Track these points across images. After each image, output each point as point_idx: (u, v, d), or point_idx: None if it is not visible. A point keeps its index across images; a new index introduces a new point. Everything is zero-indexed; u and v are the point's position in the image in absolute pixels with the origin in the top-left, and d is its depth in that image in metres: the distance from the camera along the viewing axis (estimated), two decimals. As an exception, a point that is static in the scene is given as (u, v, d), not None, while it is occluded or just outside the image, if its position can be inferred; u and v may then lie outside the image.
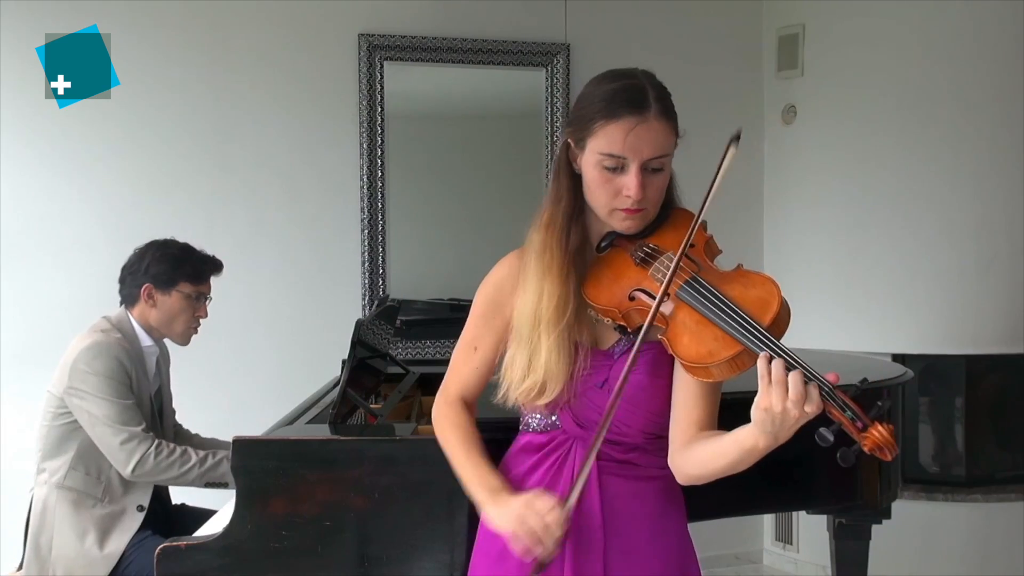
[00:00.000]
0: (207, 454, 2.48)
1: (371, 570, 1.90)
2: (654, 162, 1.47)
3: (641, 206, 1.48)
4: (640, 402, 1.52)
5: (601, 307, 1.51)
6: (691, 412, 1.49)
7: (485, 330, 1.63)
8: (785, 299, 1.38)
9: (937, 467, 3.92)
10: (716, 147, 1.46)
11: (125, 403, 2.44)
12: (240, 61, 3.68)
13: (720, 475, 1.46)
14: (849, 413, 1.28)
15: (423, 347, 3.85)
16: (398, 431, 2.06)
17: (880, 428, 1.26)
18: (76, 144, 3.53)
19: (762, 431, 1.33)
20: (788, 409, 1.28)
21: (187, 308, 2.62)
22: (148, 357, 2.60)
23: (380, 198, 3.79)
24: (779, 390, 1.29)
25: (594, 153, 1.48)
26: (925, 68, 3.74)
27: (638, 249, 1.52)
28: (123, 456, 2.41)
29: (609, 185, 1.48)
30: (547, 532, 1.41)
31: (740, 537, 4.21)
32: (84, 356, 2.45)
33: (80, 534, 2.44)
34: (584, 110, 1.50)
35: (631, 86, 1.47)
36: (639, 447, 1.55)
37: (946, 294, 3.74)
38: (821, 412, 1.30)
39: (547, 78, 3.95)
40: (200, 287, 2.64)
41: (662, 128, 1.46)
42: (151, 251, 2.60)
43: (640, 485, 1.56)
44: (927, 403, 3.93)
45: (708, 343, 1.37)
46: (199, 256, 2.66)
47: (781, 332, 1.36)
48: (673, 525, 1.59)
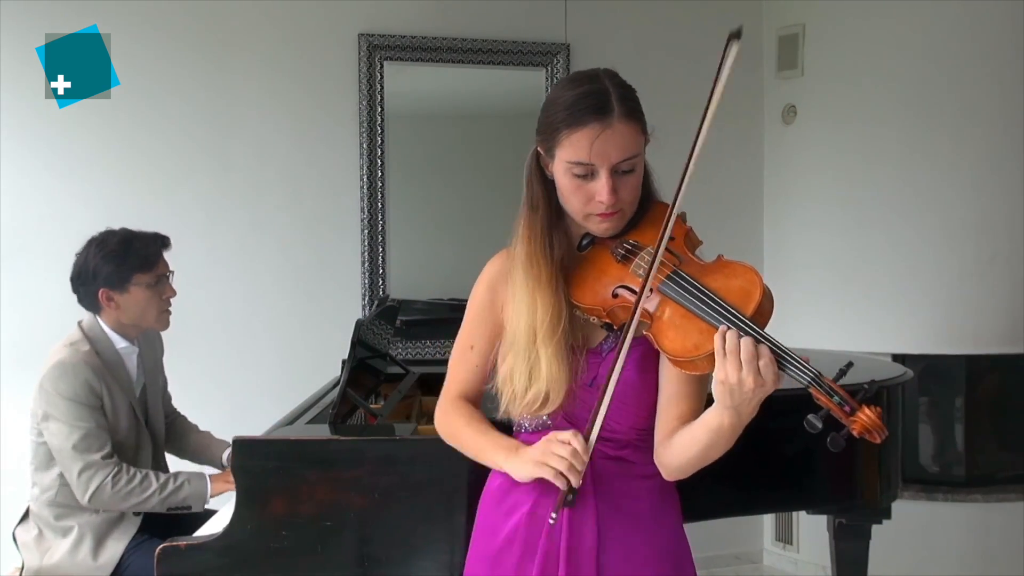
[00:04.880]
0: (168, 478, 2.42)
1: (371, 570, 1.90)
2: (623, 164, 1.47)
3: (615, 208, 1.48)
4: (629, 398, 1.53)
5: (586, 307, 1.52)
6: (676, 406, 1.50)
7: (480, 329, 1.64)
8: (767, 287, 1.39)
9: (937, 467, 3.92)
10: (716, 147, 1.46)
11: (87, 427, 2.35)
12: (240, 61, 3.68)
13: (698, 462, 1.47)
14: (837, 398, 1.29)
15: (423, 347, 3.85)
16: (398, 431, 2.06)
17: (867, 411, 1.28)
18: (76, 144, 3.53)
19: (724, 406, 1.36)
20: (743, 378, 1.30)
21: (152, 296, 2.48)
22: (126, 359, 2.52)
23: (380, 198, 3.79)
24: (733, 360, 1.30)
25: (562, 162, 1.48)
26: (925, 68, 3.74)
27: (618, 246, 1.52)
28: (80, 486, 2.34)
29: (581, 192, 1.48)
30: (575, 456, 1.43)
31: (740, 537, 4.21)
32: (50, 376, 2.38)
33: (76, 542, 2.42)
34: (549, 119, 1.50)
35: (593, 91, 1.46)
36: (631, 444, 1.56)
37: (946, 294, 3.73)
38: (780, 382, 1.31)
39: (547, 78, 3.95)
40: (156, 271, 2.50)
41: (628, 131, 1.46)
42: (91, 253, 2.46)
43: (634, 484, 1.56)
44: (927, 403, 3.93)
45: (693, 336, 1.38)
46: (141, 241, 2.50)
47: (765, 320, 1.37)
48: (668, 524, 1.60)
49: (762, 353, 1.30)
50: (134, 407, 2.53)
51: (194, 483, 2.43)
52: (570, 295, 1.53)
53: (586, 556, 1.52)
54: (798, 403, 1.39)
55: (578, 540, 1.52)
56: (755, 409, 1.36)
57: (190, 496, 2.42)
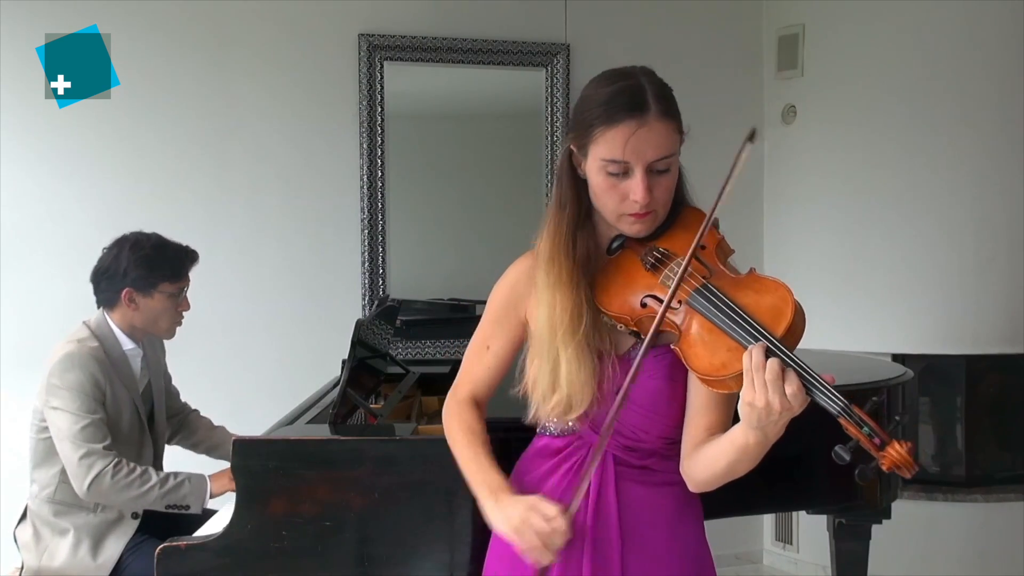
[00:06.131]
0: (168, 475, 2.42)
1: (371, 570, 1.90)
2: (659, 164, 1.43)
3: (649, 209, 1.45)
4: (659, 408, 1.50)
5: (614, 314, 1.49)
6: (705, 417, 1.47)
7: (498, 330, 1.62)
8: (799, 305, 1.34)
9: (937, 467, 3.92)
10: (716, 147, 1.46)
11: (92, 418, 2.37)
12: (240, 61, 3.68)
13: (723, 478, 1.44)
14: (867, 429, 1.25)
15: (423, 347, 3.85)
16: (398, 431, 2.06)
17: (898, 447, 1.24)
18: (76, 144, 3.53)
19: (750, 426, 1.33)
20: (771, 401, 1.27)
21: (170, 306, 2.54)
22: (132, 360, 2.55)
23: (380, 198, 3.79)
24: (760, 382, 1.27)
25: (597, 159, 1.45)
26: (925, 68, 3.74)
27: (648, 253, 1.49)
28: (80, 473, 2.34)
29: (615, 191, 1.45)
30: (551, 538, 1.39)
31: (740, 537, 4.20)
32: (57, 368, 2.40)
33: (74, 543, 2.42)
34: (583, 116, 1.47)
35: (629, 88, 1.44)
36: (656, 453, 1.54)
37: (946, 294, 3.73)
38: (808, 404, 1.28)
39: (547, 78, 3.95)
40: (181, 282, 2.57)
41: (664, 129, 1.43)
42: (125, 252, 2.50)
43: (657, 491, 1.54)
44: (927, 403, 3.93)
45: (721, 354, 1.34)
46: (174, 252, 2.56)
47: (796, 341, 1.33)
48: (690, 531, 1.58)
49: (789, 379, 1.27)
50: (138, 408, 2.54)
51: (194, 482, 2.43)
52: (597, 300, 1.50)
53: (610, 562, 1.51)
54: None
55: (602, 545, 1.51)
56: (781, 430, 1.33)
57: (189, 495, 2.42)
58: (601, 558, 1.51)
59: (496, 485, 1.50)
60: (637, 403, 1.49)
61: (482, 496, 1.50)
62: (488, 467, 1.53)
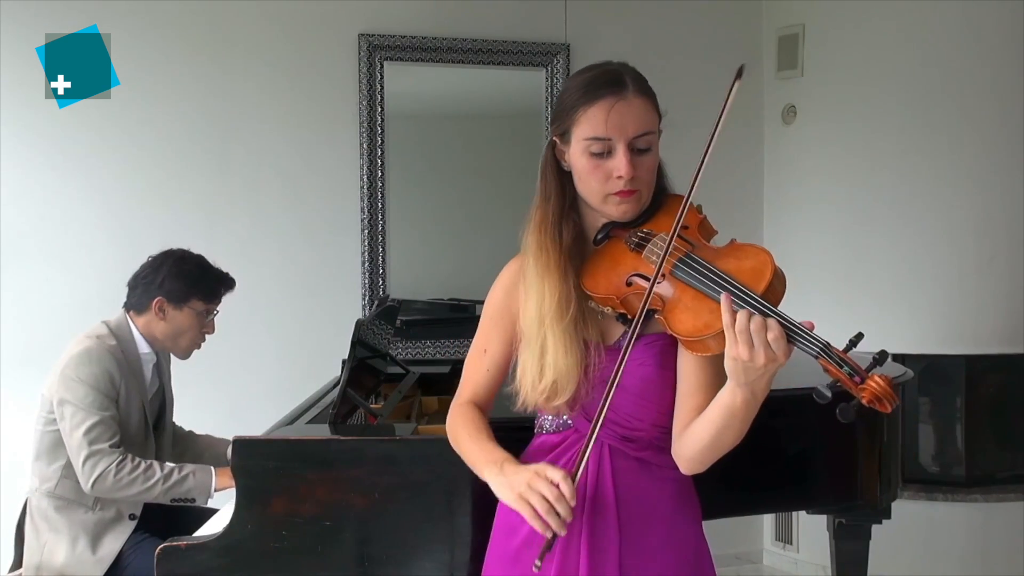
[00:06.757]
0: (173, 469, 2.43)
1: (371, 570, 1.90)
2: (640, 141, 1.48)
3: (634, 187, 1.49)
4: (651, 395, 1.52)
5: (600, 296, 1.51)
6: (693, 398, 1.48)
7: (494, 332, 1.63)
8: (779, 267, 1.38)
9: (937, 467, 3.92)
10: (715, 146, 1.46)
11: (103, 415, 2.39)
12: (240, 61, 3.68)
13: (712, 448, 1.44)
14: (846, 368, 1.28)
15: (423, 347, 3.85)
16: (398, 431, 2.06)
17: (877, 379, 1.26)
18: (76, 144, 3.53)
19: (737, 383, 1.34)
20: (755, 351, 1.29)
21: (196, 325, 2.61)
22: (145, 364, 2.58)
23: (380, 198, 3.79)
24: (743, 336, 1.29)
25: (580, 141, 1.50)
26: (925, 68, 3.74)
27: (632, 236, 1.52)
28: (85, 470, 2.36)
29: (599, 171, 1.49)
30: (560, 501, 1.38)
31: (740, 537, 4.21)
32: (73, 362, 2.43)
33: (72, 539, 2.43)
34: (564, 102, 1.53)
35: (606, 70, 1.51)
36: (652, 444, 1.55)
37: (946, 294, 3.73)
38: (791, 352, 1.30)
39: (547, 78, 3.95)
40: (211, 305, 2.64)
41: (642, 104, 1.49)
42: (168, 264, 2.58)
43: (654, 484, 1.55)
44: (927, 403, 3.93)
45: (704, 316, 1.37)
46: (214, 275, 2.65)
47: (777, 299, 1.36)
48: (688, 526, 1.59)
49: (770, 327, 1.30)
50: (145, 411, 2.56)
51: (199, 475, 2.44)
52: (584, 285, 1.52)
53: (607, 556, 1.52)
54: (798, 403, 1.39)
55: (599, 539, 1.51)
56: (768, 385, 1.35)
57: (194, 488, 2.43)
58: (598, 551, 1.52)
59: (501, 458, 1.50)
60: (629, 390, 1.50)
61: (489, 472, 1.50)
62: (489, 445, 1.55)
